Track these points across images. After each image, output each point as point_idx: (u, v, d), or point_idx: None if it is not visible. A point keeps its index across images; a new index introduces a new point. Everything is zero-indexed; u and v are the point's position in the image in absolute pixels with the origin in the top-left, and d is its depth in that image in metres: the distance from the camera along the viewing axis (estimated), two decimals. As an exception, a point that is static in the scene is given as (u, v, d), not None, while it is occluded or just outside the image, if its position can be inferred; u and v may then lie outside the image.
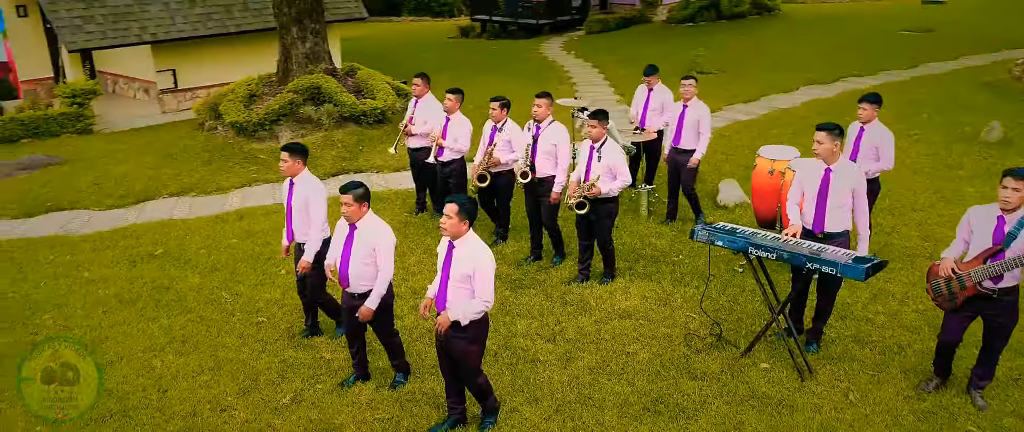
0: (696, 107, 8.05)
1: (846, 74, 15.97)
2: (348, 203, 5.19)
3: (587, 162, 6.84)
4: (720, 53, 18.51)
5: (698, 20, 25.73)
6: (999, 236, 4.76)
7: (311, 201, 5.96)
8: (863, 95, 7.06)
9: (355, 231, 5.29)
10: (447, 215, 4.70)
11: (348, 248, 5.33)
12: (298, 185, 6.04)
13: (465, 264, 4.71)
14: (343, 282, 5.41)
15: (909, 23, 22.50)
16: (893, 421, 5.00)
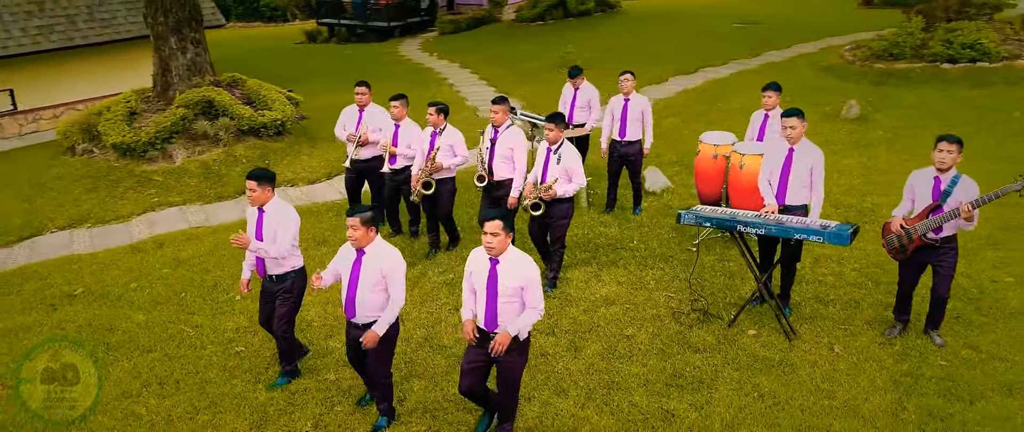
0: (637, 100, 8.55)
1: (704, 65, 17.39)
2: (355, 227, 4.91)
3: (544, 164, 7.01)
4: (585, 49, 19.39)
5: (547, 18, 26.67)
6: (937, 193, 5.61)
7: (281, 230, 5.57)
8: (766, 84, 7.91)
9: (363, 257, 5.03)
10: (493, 232, 4.63)
11: (355, 275, 5.04)
12: (269, 213, 5.65)
13: (514, 278, 4.69)
14: (349, 312, 5.14)
15: (737, 16, 24.80)
16: (878, 365, 5.74)
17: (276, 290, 5.79)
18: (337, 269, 5.26)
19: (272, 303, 5.86)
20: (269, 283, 5.82)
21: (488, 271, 4.76)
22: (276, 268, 5.74)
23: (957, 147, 5.55)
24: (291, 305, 5.83)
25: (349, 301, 5.11)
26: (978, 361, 5.69)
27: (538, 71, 17.97)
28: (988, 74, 13.48)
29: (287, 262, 5.74)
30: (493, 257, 4.75)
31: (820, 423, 5.14)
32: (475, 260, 4.89)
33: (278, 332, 5.85)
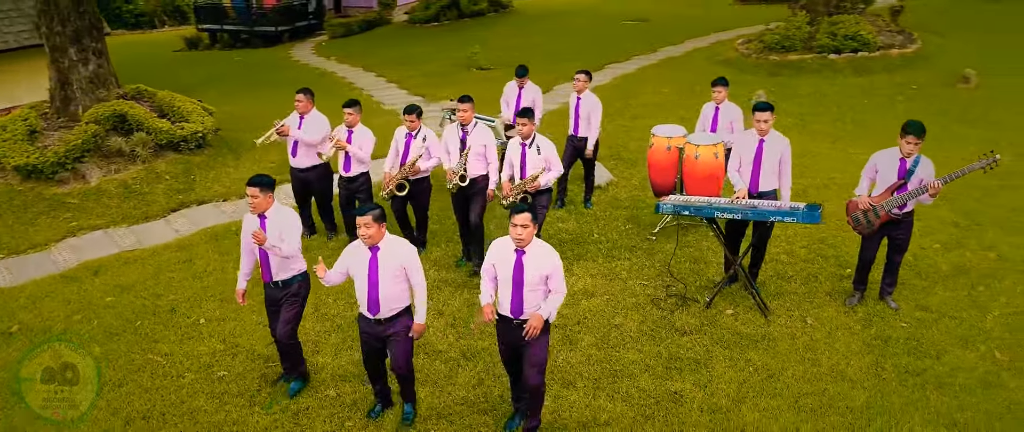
0: (588, 99, 8.80)
1: (609, 61, 17.99)
2: (368, 225, 4.97)
3: (521, 159, 7.18)
4: (490, 49, 19.55)
5: (442, 19, 26.66)
6: (902, 173, 6.20)
7: (287, 232, 5.49)
8: (714, 79, 8.43)
9: (378, 252, 5.09)
10: (523, 224, 4.76)
11: (374, 272, 5.09)
12: (271, 219, 5.53)
13: (539, 267, 4.84)
14: (372, 309, 5.16)
15: (625, 14, 25.79)
16: (850, 332, 6.26)
17: (281, 296, 5.68)
18: (345, 269, 5.23)
19: (279, 309, 5.72)
20: (273, 290, 5.69)
21: (514, 261, 4.87)
22: (283, 272, 5.63)
23: (920, 139, 6.13)
24: (297, 309, 5.74)
25: (371, 299, 5.12)
26: (932, 320, 6.33)
27: (448, 72, 17.99)
28: (869, 63, 14.80)
29: (294, 265, 5.64)
30: (520, 248, 4.83)
31: (814, 389, 5.56)
32: (499, 250, 4.99)
33: (282, 337, 5.73)
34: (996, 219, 8.13)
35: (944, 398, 5.35)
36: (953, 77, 13.57)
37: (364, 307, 5.21)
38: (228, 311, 7.20)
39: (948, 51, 15.50)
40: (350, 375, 6.08)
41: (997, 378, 5.52)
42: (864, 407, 5.31)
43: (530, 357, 5.01)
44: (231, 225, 9.21)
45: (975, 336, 6.05)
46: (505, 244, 4.99)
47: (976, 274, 7.02)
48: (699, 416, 5.35)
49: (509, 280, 4.92)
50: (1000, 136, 10.56)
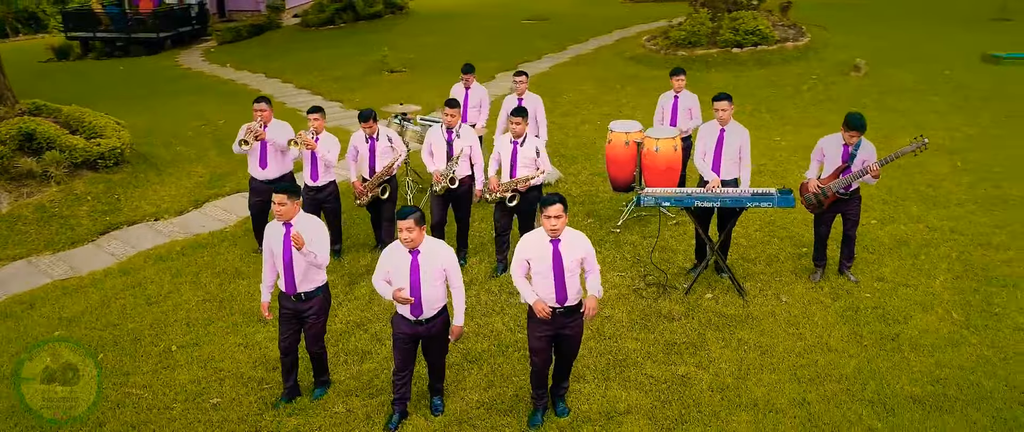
0: (530, 99, 8.96)
1: (520, 60, 18.23)
2: (410, 228, 4.97)
3: (512, 158, 7.29)
4: (399, 51, 19.31)
5: (338, 21, 26.08)
6: (845, 157, 6.73)
7: (316, 240, 5.38)
8: (672, 70, 8.78)
9: (418, 255, 5.09)
10: (557, 215, 4.90)
11: (416, 275, 5.09)
12: (296, 226, 5.38)
13: (575, 252, 5.03)
14: (415, 311, 5.16)
15: (523, 13, 26.19)
16: (822, 306, 6.74)
17: (304, 309, 5.54)
18: (385, 273, 5.20)
19: (296, 324, 5.61)
20: (295, 303, 5.53)
21: (551, 251, 4.98)
22: (307, 284, 5.49)
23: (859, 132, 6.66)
24: (323, 323, 5.66)
25: (415, 297, 5.10)
26: (890, 289, 6.92)
27: (360, 76, 17.67)
28: (768, 55, 15.83)
29: (318, 277, 5.53)
30: (556, 238, 4.94)
31: (807, 361, 5.96)
32: (531, 245, 5.08)
33: (313, 351, 5.73)
34: (916, 195, 8.95)
35: (922, 358, 5.88)
36: (845, 67, 14.75)
37: (406, 310, 5.18)
38: (199, 335, 6.83)
39: (833, 44, 16.81)
40: (355, 389, 5.93)
41: (960, 336, 6.12)
42: (855, 373, 5.75)
43: (567, 344, 5.27)
44: (175, 245, 8.70)
45: (931, 301, 6.68)
46: (536, 238, 5.09)
47: (914, 244, 7.72)
48: (710, 395, 5.61)
49: (549, 271, 5.02)
50: (901, 119, 11.60)
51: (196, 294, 7.57)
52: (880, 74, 14.29)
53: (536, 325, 5.21)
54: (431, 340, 5.38)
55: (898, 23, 19.19)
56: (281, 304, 5.61)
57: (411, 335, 5.30)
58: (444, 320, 5.36)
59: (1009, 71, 14.13)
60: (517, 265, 5.18)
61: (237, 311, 7.21)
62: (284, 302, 5.58)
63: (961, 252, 7.48)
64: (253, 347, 6.60)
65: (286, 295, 5.53)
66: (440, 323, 5.33)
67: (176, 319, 7.13)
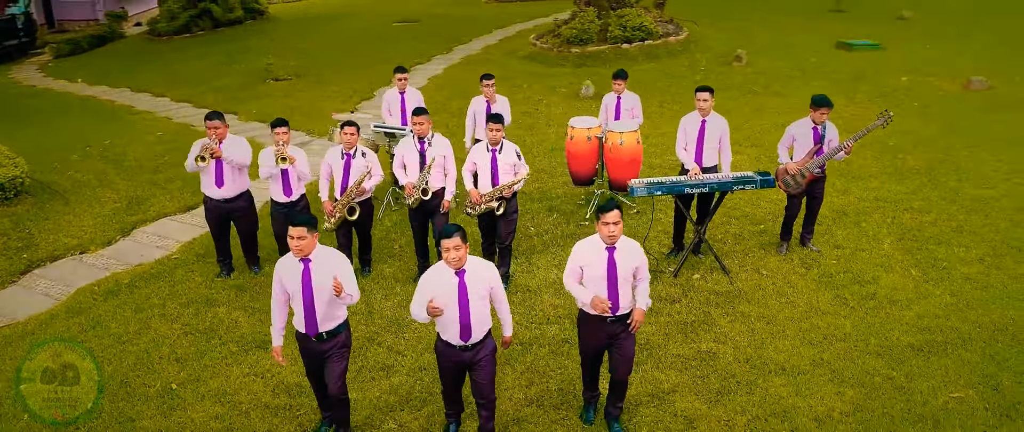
0: (501, 102, 9.07)
1: (410, 63, 18.03)
2: (458, 247, 4.74)
3: (492, 165, 7.26)
4: (281, 58, 18.48)
5: (194, 29, 24.52)
6: (816, 138, 7.46)
7: (344, 277, 4.98)
8: (614, 73, 9.18)
9: (465, 275, 4.88)
10: (615, 222, 4.89)
11: (464, 295, 4.86)
12: (317, 261, 5.00)
13: (630, 261, 5.04)
14: (465, 336, 4.93)
15: (391, 16, 25.90)
16: (799, 275, 7.39)
17: (326, 349, 5.15)
18: (428, 298, 4.84)
19: (320, 363, 5.22)
20: (316, 343, 5.14)
21: (606, 259, 5.02)
22: (329, 322, 5.11)
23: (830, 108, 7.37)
24: (346, 360, 5.27)
25: (463, 326, 4.90)
26: (850, 254, 7.72)
27: (246, 85, 16.78)
28: (655, 49, 16.82)
29: (340, 313, 5.17)
30: (612, 245, 5.03)
31: (809, 325, 6.54)
32: (586, 252, 5.07)
33: (337, 392, 5.18)
34: (834, 171, 9.91)
35: (902, 312, 6.65)
36: (727, 57, 16.01)
37: (454, 335, 4.95)
38: (196, 370, 6.34)
39: (708, 37, 18.16)
40: (396, 404, 5.80)
41: (925, 290, 6.98)
42: (854, 331, 6.41)
43: (624, 352, 5.18)
44: (119, 278, 7.97)
45: (888, 261, 7.54)
46: (591, 245, 5.08)
47: (852, 214, 8.63)
48: (739, 366, 6.03)
49: (603, 278, 5.02)
50: (789, 102, 12.80)
51: (172, 328, 6.99)
52: (758, 63, 15.65)
53: (589, 333, 5.23)
54: (478, 367, 5.02)
55: (752, 16, 21.01)
56: (301, 345, 5.23)
57: (458, 363, 5.06)
58: (491, 348, 5.06)
59: (861, 56, 15.98)
60: (570, 272, 5.18)
61: (228, 340, 6.75)
62: (304, 343, 5.19)
63: (893, 218, 8.47)
64: (264, 375, 6.23)
65: (305, 336, 5.13)
66: (487, 349, 5.04)
67: (160, 356, 6.56)
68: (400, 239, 8.61)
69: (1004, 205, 8.55)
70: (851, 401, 5.55)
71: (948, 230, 8.07)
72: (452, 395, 5.33)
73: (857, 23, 19.52)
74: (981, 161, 9.88)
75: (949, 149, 10.36)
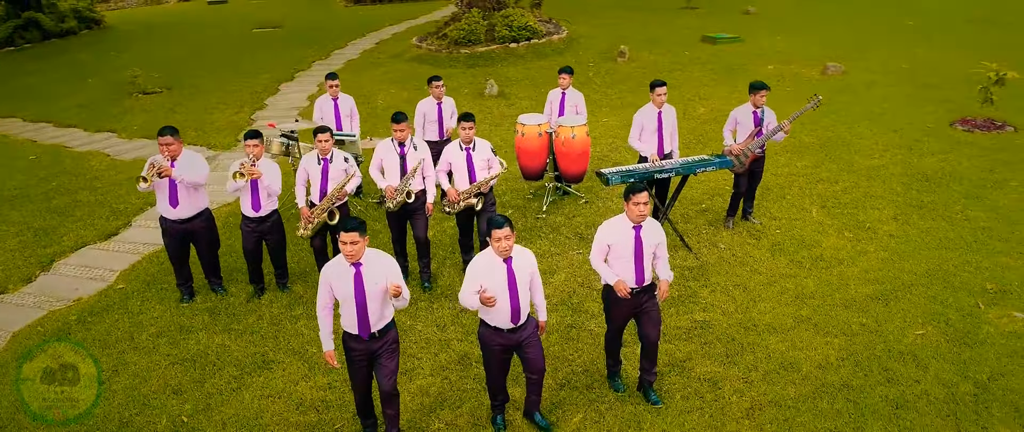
0: (447, 103, 9.15)
1: (292, 69, 17.52)
2: (508, 236, 4.97)
3: (467, 163, 7.42)
4: (148, 69, 17.15)
5: (19, 41, 22.20)
6: (756, 121, 8.26)
7: (392, 276, 5.03)
8: (561, 68, 9.58)
9: (511, 263, 5.10)
10: (645, 202, 5.28)
11: (513, 282, 5.09)
12: (368, 265, 5.00)
13: (653, 238, 5.48)
14: (515, 318, 5.16)
15: (247, 22, 24.78)
16: (754, 246, 8.14)
17: (378, 347, 5.17)
18: (477, 287, 5.01)
19: (368, 365, 5.22)
20: (368, 343, 5.13)
21: (633, 237, 5.41)
22: (381, 321, 5.14)
23: (768, 90, 8.17)
24: (398, 355, 5.30)
25: (514, 310, 5.13)
26: (788, 223, 8.60)
27: (111, 100, 15.64)
28: (541, 48, 17.42)
29: (389, 311, 5.21)
30: (639, 224, 5.41)
31: (778, 287, 7.26)
32: (613, 231, 5.44)
33: (391, 390, 5.21)
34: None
35: (850, 269, 7.55)
36: (610, 53, 16.93)
37: (505, 320, 5.15)
38: (201, 399, 5.99)
39: (586, 35, 19.07)
40: (433, 405, 5.83)
41: (861, 248, 7.95)
42: (818, 289, 7.20)
43: (652, 316, 5.62)
44: (63, 315, 7.30)
45: (822, 227, 8.49)
46: (617, 224, 5.46)
47: (775, 188, 9.58)
48: (737, 330, 6.62)
49: (630, 255, 5.43)
50: (681, 93, 13.83)
51: (152, 360, 6.51)
52: (640, 58, 16.70)
53: (617, 306, 5.62)
54: (526, 346, 5.29)
55: (615, 14, 22.29)
56: (351, 348, 5.18)
57: (506, 346, 5.28)
58: (535, 323, 5.36)
59: (726, 48, 17.51)
60: (597, 251, 5.53)
61: (223, 365, 6.40)
62: (354, 345, 5.15)
63: (809, 189, 9.52)
64: (282, 395, 6.00)
65: (357, 338, 5.12)
66: (532, 326, 5.32)
67: (153, 390, 6.11)
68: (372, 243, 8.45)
69: (894, 172, 9.87)
70: (839, 348, 6.29)
71: (859, 196, 9.21)
72: (499, 382, 5.46)
73: (709, 18, 21.30)
74: (861, 136, 11.29)
75: (831, 127, 11.73)
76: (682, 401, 5.76)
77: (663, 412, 5.64)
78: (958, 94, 12.87)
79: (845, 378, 5.91)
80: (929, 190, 9.25)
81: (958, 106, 12.31)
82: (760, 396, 5.77)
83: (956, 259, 7.60)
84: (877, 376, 5.91)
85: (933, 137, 11.06)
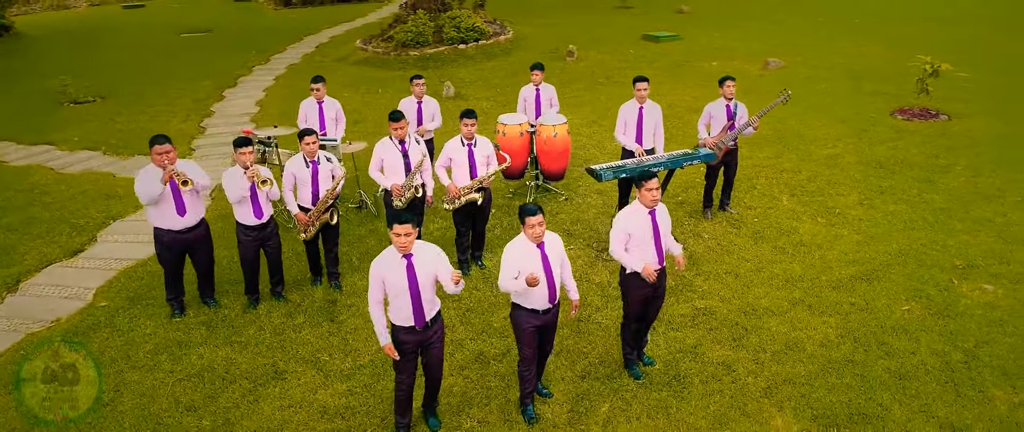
0: (428, 103, 9.15)
1: (234, 75, 17.02)
2: (541, 223, 5.22)
3: (469, 159, 7.51)
4: (81, 78, 16.31)
5: (-80, 51, 20.70)
6: (729, 115, 8.61)
7: (440, 267, 5.16)
8: (532, 65, 9.72)
9: (544, 247, 5.33)
10: (658, 187, 5.62)
11: (548, 265, 5.33)
12: (418, 254, 5.09)
13: (667, 221, 5.82)
14: (552, 298, 5.40)
15: (171, 28, 23.88)
16: (734, 235, 8.48)
17: (431, 336, 5.30)
18: (516, 272, 5.25)
19: (416, 356, 5.34)
20: (422, 332, 5.23)
21: (651, 222, 5.70)
22: (432, 309, 5.27)
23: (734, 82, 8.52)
24: (443, 343, 5.47)
25: (551, 291, 5.38)
26: (763, 212, 8.98)
27: (41, 110, 14.87)
28: (490, 49, 17.51)
29: (437, 300, 5.30)
30: (653, 209, 5.67)
31: (767, 273, 7.59)
32: (632, 219, 5.70)
33: (439, 378, 5.51)
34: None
35: (830, 253, 7.96)
36: (559, 53, 17.18)
37: (543, 301, 5.37)
38: (218, 414, 5.81)
39: (530, 35, 19.27)
40: (459, 405, 5.85)
41: (835, 233, 8.39)
42: (804, 273, 7.57)
43: (661, 297, 6.04)
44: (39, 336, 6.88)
45: (795, 214, 8.90)
46: (633, 212, 5.72)
47: (744, 179, 9.96)
48: (737, 315, 6.90)
49: (650, 238, 5.72)
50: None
51: (155, 377, 6.27)
52: (588, 57, 17.02)
53: (638, 290, 5.86)
54: (551, 328, 5.63)
55: (553, 14, 22.61)
56: (402, 341, 5.22)
57: (540, 326, 5.50)
58: (558, 307, 5.64)
59: (668, 46, 18.06)
60: (619, 240, 5.74)
61: (232, 378, 6.23)
62: (407, 338, 5.21)
63: (775, 178, 9.97)
64: (303, 405, 5.89)
65: (409, 330, 5.19)
66: (557, 310, 5.61)
67: (164, 408, 5.89)
68: (352, 252, 8.36)
69: (850, 160, 10.46)
70: (836, 326, 6.66)
71: (823, 184, 9.71)
72: (533, 367, 5.60)
73: (644, 17, 21.89)
74: (812, 126, 11.90)
75: (783, 120, 12.29)
76: (702, 385, 5.98)
77: (686, 397, 5.85)
78: (892, 86, 13.72)
79: (847, 354, 6.26)
80: (885, 176, 9.85)
81: (894, 97, 13.12)
82: (773, 375, 6.05)
83: (923, 239, 8.14)
84: (876, 351, 6.29)
85: (878, 126, 11.77)
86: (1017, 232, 8.20)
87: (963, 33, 18.82)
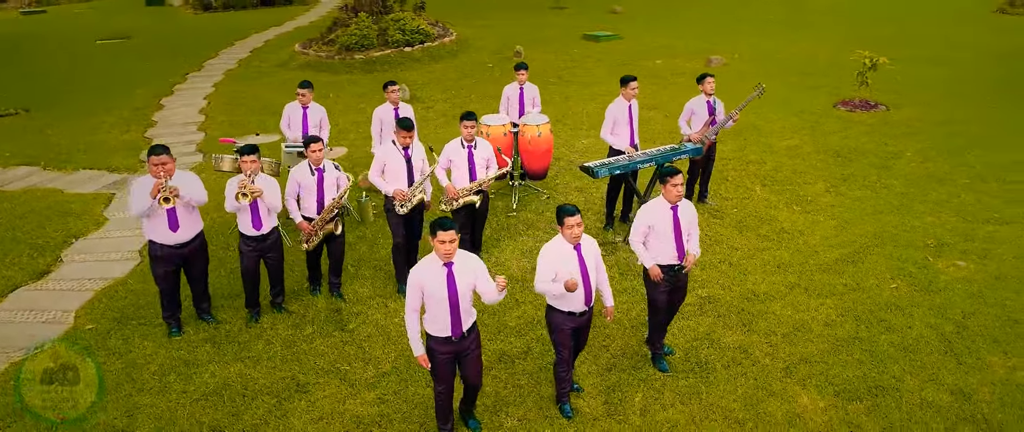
0: (404, 109, 9.09)
1: (167, 82, 16.31)
2: (580, 223, 5.27)
3: (469, 161, 7.51)
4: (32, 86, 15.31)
5: None
6: (710, 111, 8.92)
7: (480, 276, 5.12)
8: (516, 65, 9.77)
9: (581, 248, 5.38)
10: (680, 183, 5.73)
11: (584, 267, 5.37)
12: (458, 264, 5.03)
13: (690, 217, 5.96)
14: (588, 299, 5.45)
15: (83, 34, 22.63)
16: (719, 225, 8.76)
17: (467, 345, 5.24)
18: (553, 274, 5.29)
19: (453, 365, 5.28)
20: (459, 343, 5.17)
21: (672, 218, 5.84)
22: (469, 320, 5.21)
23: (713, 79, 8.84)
24: (481, 352, 5.43)
25: (587, 293, 5.43)
26: (741, 202, 9.34)
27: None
28: (435, 50, 17.41)
29: (473, 309, 5.26)
30: (676, 204, 5.83)
31: (759, 261, 7.91)
32: (654, 213, 5.85)
33: (480, 382, 5.47)
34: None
35: (811, 239, 8.35)
36: (506, 53, 17.27)
37: (580, 303, 5.42)
38: (249, 430, 5.60)
39: (472, 36, 19.26)
40: (492, 406, 5.84)
41: (814, 220, 8.82)
42: (793, 259, 7.92)
43: (683, 290, 6.22)
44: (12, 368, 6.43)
45: (771, 203, 9.30)
46: (656, 207, 5.87)
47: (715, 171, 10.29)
48: (741, 302, 7.16)
49: (671, 233, 5.86)
50: (586, 89, 14.45)
51: (169, 398, 5.97)
52: (535, 57, 17.16)
53: (661, 285, 6.00)
54: (586, 329, 5.70)
55: (491, 15, 22.68)
56: (438, 351, 5.15)
57: (576, 328, 5.56)
58: (593, 308, 5.66)
59: (609, 45, 18.46)
60: (639, 233, 5.90)
61: (252, 394, 6.00)
62: (443, 348, 5.14)
63: (743, 170, 10.39)
64: (334, 417, 5.74)
65: (445, 340, 5.12)
66: (592, 311, 5.65)
67: (184, 430, 5.62)
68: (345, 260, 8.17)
69: (808, 150, 11.01)
70: (834, 306, 7.02)
71: (789, 174, 10.19)
72: (570, 365, 5.65)
73: (580, 17, 22.27)
74: (768, 119, 12.44)
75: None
76: (724, 369, 6.19)
77: (713, 381, 6.04)
78: (831, 80, 14.50)
79: (851, 332, 6.62)
80: (844, 164, 10.42)
81: (834, 90, 13.88)
82: (788, 356, 6.33)
83: (894, 221, 8.67)
84: (877, 327, 6.67)
85: (827, 118, 12.43)
86: (973, 211, 8.86)
87: (886, 31, 20.06)
